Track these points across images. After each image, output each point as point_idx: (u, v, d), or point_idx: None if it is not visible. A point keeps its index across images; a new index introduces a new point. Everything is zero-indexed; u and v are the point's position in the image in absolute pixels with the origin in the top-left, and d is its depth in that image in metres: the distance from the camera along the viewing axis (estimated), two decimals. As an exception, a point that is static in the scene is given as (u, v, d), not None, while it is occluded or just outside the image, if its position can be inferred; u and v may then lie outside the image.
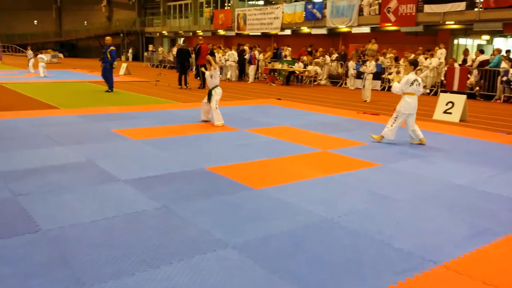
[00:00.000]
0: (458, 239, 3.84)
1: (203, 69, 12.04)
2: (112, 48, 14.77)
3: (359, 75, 17.36)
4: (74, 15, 52.15)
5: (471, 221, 4.28)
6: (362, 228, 4.02)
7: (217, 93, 9.06)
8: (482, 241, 3.81)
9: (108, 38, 15.33)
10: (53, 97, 13.18)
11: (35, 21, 53.81)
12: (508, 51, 16.51)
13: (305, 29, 26.14)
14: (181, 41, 38.62)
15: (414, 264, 3.36)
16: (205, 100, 9.32)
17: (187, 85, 17.46)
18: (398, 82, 7.59)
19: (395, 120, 7.50)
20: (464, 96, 11.11)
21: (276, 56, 23.21)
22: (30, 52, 24.44)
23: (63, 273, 3.09)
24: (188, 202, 4.57)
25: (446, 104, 11.12)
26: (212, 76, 9.11)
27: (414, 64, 7.63)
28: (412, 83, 7.42)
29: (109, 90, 15.02)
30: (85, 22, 51.26)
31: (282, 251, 3.53)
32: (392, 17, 21.03)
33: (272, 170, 5.98)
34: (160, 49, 35.00)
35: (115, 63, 15.14)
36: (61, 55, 40.66)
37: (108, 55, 14.65)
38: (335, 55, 21.61)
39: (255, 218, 4.22)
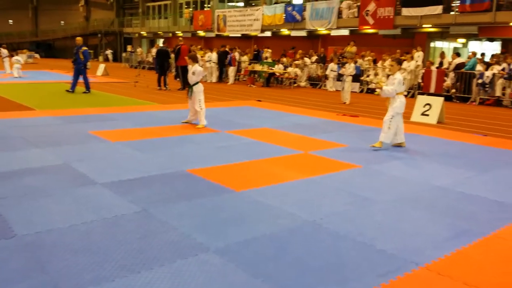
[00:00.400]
0: (439, 241, 3.88)
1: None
2: (84, 48, 14.51)
3: (339, 77, 17.48)
4: (51, 14, 51.20)
5: (451, 223, 4.33)
6: (344, 230, 4.03)
7: (199, 90, 8.99)
8: (461, 242, 3.85)
9: (79, 38, 15.01)
10: (28, 98, 12.89)
11: (10, 21, 52.65)
12: (483, 54, 16.85)
13: (285, 31, 26.23)
14: (160, 42, 38.33)
15: (396, 265, 3.37)
16: (189, 98, 9.17)
17: (167, 86, 17.31)
18: (386, 85, 7.49)
19: (390, 121, 7.40)
20: (442, 98, 11.29)
21: (257, 58, 23.23)
22: (4, 51, 23.83)
23: (41, 279, 3.00)
24: (169, 205, 4.51)
25: (424, 106, 11.27)
26: (194, 73, 9.04)
27: (400, 63, 7.68)
28: (403, 82, 7.45)
29: (86, 91, 14.78)
30: (62, 22, 50.38)
31: (264, 254, 3.51)
32: (370, 20, 21.26)
33: (253, 172, 5.95)
34: (138, 49, 34.63)
35: (89, 63, 14.88)
36: (37, 55, 39.84)
37: (81, 56, 14.38)
38: (314, 57, 21.72)
39: (236, 221, 4.19)
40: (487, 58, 16.75)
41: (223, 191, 5.03)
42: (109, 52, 42.72)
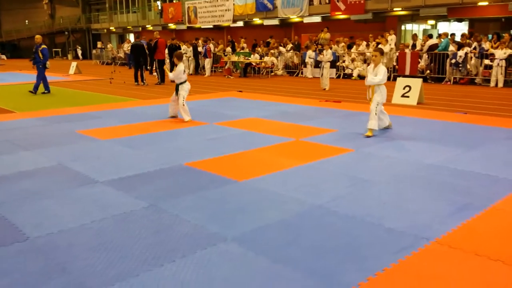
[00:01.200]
0: (443, 216, 4.03)
1: (165, 68, 11.97)
2: (43, 46, 14.08)
3: (317, 64, 17.63)
4: (15, 14, 49.58)
5: (450, 198, 4.49)
6: (352, 212, 4.13)
7: (184, 89, 8.97)
8: (464, 216, 4.01)
9: (38, 36, 14.46)
10: (5, 101, 12.59)
11: (-29, 22, 50.90)
12: (453, 35, 17.23)
13: (257, 21, 26.19)
14: (130, 36, 37.74)
15: (408, 242, 3.50)
16: (174, 95, 9.18)
17: (144, 81, 17.12)
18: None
19: (376, 109, 7.40)
20: (420, 80, 11.55)
21: (232, 49, 23.17)
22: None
23: (64, 279, 3.00)
24: (175, 199, 4.53)
25: (403, 88, 11.51)
26: (179, 73, 8.98)
27: (383, 53, 7.80)
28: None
29: (35, 91, 14.26)
30: (27, 21, 48.89)
31: (279, 240, 3.58)
32: (341, 6, 21.46)
33: (250, 161, 6.01)
34: (109, 45, 34.02)
35: (48, 62, 14.47)
36: (4, 56, 38.67)
37: (40, 54, 13.96)
38: (289, 45, 21.81)
39: (245, 210, 4.24)
40: (457, 38, 17.14)
41: (225, 182, 5.08)
42: (78, 48, 41.81)
